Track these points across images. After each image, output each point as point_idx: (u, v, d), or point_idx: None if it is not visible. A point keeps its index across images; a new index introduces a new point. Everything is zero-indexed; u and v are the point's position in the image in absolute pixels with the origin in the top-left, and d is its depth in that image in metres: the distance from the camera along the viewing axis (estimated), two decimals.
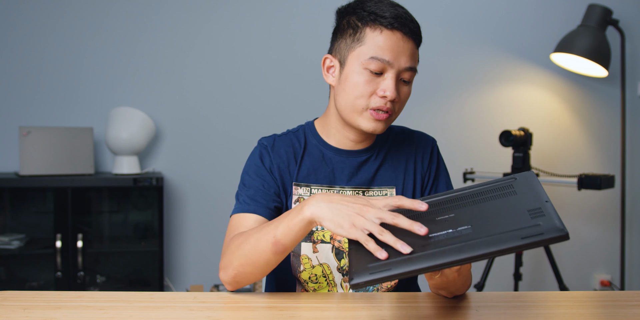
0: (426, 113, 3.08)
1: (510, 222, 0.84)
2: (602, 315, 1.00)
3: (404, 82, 1.16)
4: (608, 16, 2.91)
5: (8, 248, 2.64)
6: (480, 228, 0.84)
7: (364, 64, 1.13)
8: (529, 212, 0.85)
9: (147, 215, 2.88)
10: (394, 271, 0.81)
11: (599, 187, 2.56)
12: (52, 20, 2.87)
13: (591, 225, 3.17)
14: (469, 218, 0.88)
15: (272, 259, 1.03)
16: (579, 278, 3.16)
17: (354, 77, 1.14)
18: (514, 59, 3.11)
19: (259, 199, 1.19)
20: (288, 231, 1.00)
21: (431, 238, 0.86)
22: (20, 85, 2.87)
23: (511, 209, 0.88)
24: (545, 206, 0.85)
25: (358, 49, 1.14)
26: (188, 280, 2.99)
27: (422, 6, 3.05)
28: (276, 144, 1.25)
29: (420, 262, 0.81)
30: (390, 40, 1.12)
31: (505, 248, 0.80)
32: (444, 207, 0.94)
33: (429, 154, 1.29)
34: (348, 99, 1.15)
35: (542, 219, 0.82)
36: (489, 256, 0.81)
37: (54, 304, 1.02)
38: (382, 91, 1.13)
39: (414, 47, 1.15)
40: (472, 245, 0.81)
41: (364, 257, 0.86)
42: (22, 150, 2.61)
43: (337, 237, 1.21)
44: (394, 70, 1.13)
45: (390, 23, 1.12)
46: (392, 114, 1.16)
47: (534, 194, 0.90)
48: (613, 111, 3.15)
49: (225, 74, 2.98)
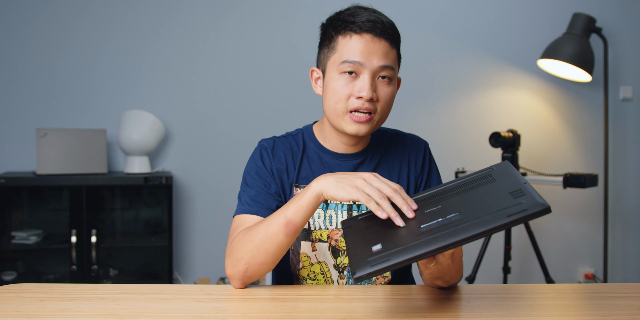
0: (420, 115, 3.08)
1: (494, 204, 0.85)
2: (586, 306, 1.00)
3: (383, 82, 1.13)
4: (592, 24, 2.91)
5: (26, 243, 2.64)
6: (467, 213, 0.85)
7: (338, 69, 1.12)
8: (510, 194, 0.86)
9: (157, 212, 2.88)
10: (392, 261, 0.81)
11: (583, 186, 2.55)
12: (68, 29, 2.87)
13: (576, 221, 3.17)
14: (455, 207, 0.89)
15: (284, 242, 1.03)
16: (564, 271, 3.15)
17: (331, 83, 1.14)
18: (503, 64, 3.11)
19: (260, 199, 1.17)
20: (298, 209, 1.01)
21: (423, 228, 0.86)
22: (37, 89, 2.87)
23: (494, 193, 0.89)
24: (524, 187, 0.87)
25: (333, 56, 1.14)
26: (196, 273, 2.99)
27: (416, 15, 3.05)
28: (276, 146, 1.24)
29: (416, 250, 0.82)
30: (360, 42, 1.11)
31: (494, 226, 0.81)
32: (430, 201, 0.94)
33: (421, 156, 1.28)
34: (330, 105, 1.15)
35: (524, 197, 0.84)
36: (479, 236, 0.81)
37: (70, 295, 1.02)
38: (357, 92, 1.11)
39: (387, 46, 1.12)
40: (463, 229, 0.82)
41: (362, 252, 0.86)
42: (39, 150, 2.61)
43: (334, 236, 1.21)
44: (367, 70, 1.11)
45: (359, 27, 1.11)
46: (374, 114, 1.13)
47: (512, 178, 0.91)
48: (596, 114, 3.15)
49: (231, 79, 2.98)
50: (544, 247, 3.04)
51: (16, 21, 2.84)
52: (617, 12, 3.12)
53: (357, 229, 0.96)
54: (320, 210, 1.20)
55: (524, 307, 0.98)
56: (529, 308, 0.98)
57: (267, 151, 1.23)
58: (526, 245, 3.04)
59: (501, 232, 2.82)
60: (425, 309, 0.97)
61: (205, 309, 0.95)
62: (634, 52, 3.15)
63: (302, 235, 1.21)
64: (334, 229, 1.21)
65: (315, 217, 1.20)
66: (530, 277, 3.13)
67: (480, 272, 2.76)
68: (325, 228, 1.20)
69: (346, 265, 1.21)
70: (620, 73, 3.15)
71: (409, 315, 0.92)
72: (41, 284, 1.09)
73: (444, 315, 0.93)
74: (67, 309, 0.94)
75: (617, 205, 3.18)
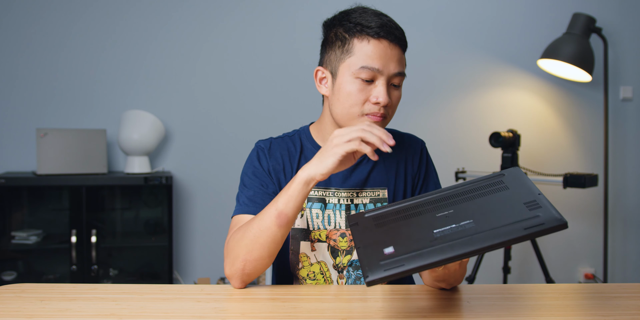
0: (420, 115, 3.08)
1: (510, 215, 0.84)
2: (586, 306, 1.00)
3: (394, 87, 1.15)
4: (592, 24, 2.91)
5: (26, 243, 2.64)
6: (482, 222, 0.84)
7: (355, 73, 1.12)
8: (525, 205, 0.85)
9: (157, 212, 2.88)
10: (407, 266, 0.80)
11: (583, 186, 2.55)
12: (68, 29, 2.87)
13: (576, 221, 3.17)
14: (468, 213, 0.88)
15: (278, 234, 1.05)
16: (564, 271, 3.15)
17: (346, 87, 1.13)
18: (503, 64, 3.11)
19: (257, 199, 1.18)
20: (288, 199, 1.03)
21: (436, 233, 0.85)
22: (37, 89, 2.87)
23: (507, 202, 0.88)
24: (539, 198, 0.86)
25: (348, 59, 1.13)
26: (196, 273, 2.99)
27: (416, 15, 3.05)
28: (272, 146, 1.25)
29: (431, 257, 0.81)
30: (378, 48, 1.11)
31: (510, 239, 0.80)
32: (441, 204, 0.93)
33: (418, 155, 1.29)
34: (343, 108, 1.14)
35: (540, 210, 0.83)
36: (495, 248, 0.81)
37: (70, 295, 1.02)
38: (374, 98, 1.12)
39: (400, 52, 1.14)
40: (478, 238, 0.81)
41: (373, 254, 0.85)
42: (39, 150, 2.61)
43: (333, 236, 1.21)
44: (384, 76, 1.12)
45: (376, 32, 1.11)
46: (385, 117, 1.15)
47: (526, 187, 0.90)
48: (596, 114, 3.15)
49: (231, 79, 2.98)
50: (544, 247, 3.04)
51: (16, 21, 2.84)
52: (617, 12, 3.12)
53: (366, 227, 0.94)
54: (318, 210, 1.21)
55: (524, 307, 0.98)
56: (529, 308, 0.98)
57: (263, 151, 1.24)
58: (526, 245, 3.04)
59: None
60: (425, 309, 0.97)
61: (205, 309, 0.95)
62: (634, 52, 3.15)
63: (301, 235, 1.21)
64: (332, 229, 1.21)
65: (314, 217, 1.21)
66: (530, 277, 3.13)
67: (480, 272, 2.76)
68: (324, 228, 1.21)
69: (345, 265, 1.21)
70: (620, 73, 3.15)
71: (409, 315, 0.92)
72: (41, 284, 1.09)
73: (443, 315, 0.93)
74: (67, 309, 0.94)
75: (617, 205, 3.18)
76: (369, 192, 1.23)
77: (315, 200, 1.21)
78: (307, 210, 1.21)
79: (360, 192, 1.23)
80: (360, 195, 1.23)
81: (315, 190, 1.22)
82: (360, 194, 1.23)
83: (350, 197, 1.22)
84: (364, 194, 1.23)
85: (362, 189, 1.23)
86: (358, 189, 1.23)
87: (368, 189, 1.24)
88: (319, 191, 1.22)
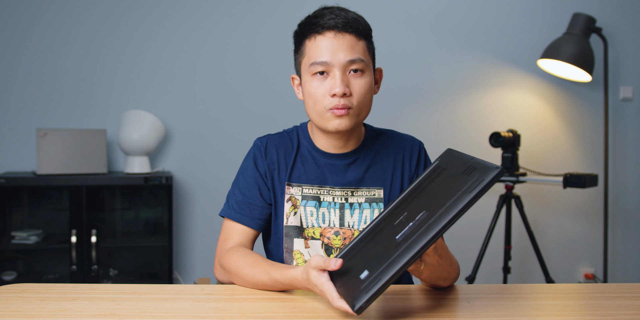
0: (420, 115, 3.08)
1: (454, 189, 0.85)
2: (586, 306, 1.00)
3: (355, 75, 1.14)
4: (592, 24, 2.91)
5: (26, 243, 2.64)
6: (433, 207, 0.86)
7: (309, 71, 1.15)
8: (463, 174, 0.87)
9: (157, 212, 2.88)
10: (383, 279, 0.82)
11: (583, 186, 2.55)
12: (68, 29, 2.87)
13: (576, 221, 3.17)
14: (420, 207, 0.89)
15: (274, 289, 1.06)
16: (564, 271, 3.15)
17: (307, 87, 1.16)
18: (503, 64, 3.11)
19: (245, 207, 1.22)
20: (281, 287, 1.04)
21: (398, 238, 0.87)
22: (37, 89, 2.87)
23: (449, 180, 0.89)
24: (472, 162, 0.88)
25: (303, 61, 1.17)
26: (196, 273, 2.99)
27: (416, 15, 3.05)
28: (269, 144, 1.27)
29: (400, 260, 0.83)
30: (323, 42, 1.13)
31: (462, 207, 0.82)
32: (396, 213, 0.93)
33: (416, 156, 1.29)
34: (310, 108, 1.17)
35: (476, 171, 0.85)
36: (452, 222, 0.82)
37: (70, 295, 1.02)
38: (330, 90, 1.13)
39: (352, 39, 1.13)
40: (435, 222, 0.83)
41: (352, 285, 0.87)
42: (39, 150, 2.61)
43: (327, 234, 1.22)
44: (336, 67, 1.12)
45: (321, 27, 1.13)
46: (350, 108, 1.14)
47: (459, 160, 0.92)
48: (596, 114, 3.15)
49: (231, 79, 2.98)
50: (544, 247, 3.04)
51: (16, 21, 2.84)
52: (617, 12, 3.12)
53: None
54: (313, 208, 1.22)
55: (524, 307, 0.98)
56: (529, 308, 0.98)
57: (260, 151, 1.26)
58: (526, 245, 3.04)
59: (501, 233, 2.82)
60: (425, 309, 0.97)
61: (205, 309, 0.95)
62: (634, 52, 3.15)
63: (295, 233, 1.22)
64: (326, 227, 1.22)
65: (308, 215, 1.22)
66: (530, 277, 3.13)
67: (480, 272, 2.76)
68: (318, 226, 1.22)
69: None
70: (620, 73, 3.15)
71: (409, 315, 0.92)
72: (41, 284, 1.09)
73: (443, 315, 0.93)
74: (67, 309, 0.94)
75: (617, 205, 3.18)
76: (364, 192, 1.24)
77: (309, 198, 1.22)
78: (301, 208, 1.22)
79: (356, 191, 1.23)
80: (355, 195, 1.23)
81: (310, 188, 1.22)
82: (355, 193, 1.23)
83: (345, 195, 1.23)
84: (360, 193, 1.23)
85: (358, 188, 1.24)
86: (353, 188, 1.23)
87: (364, 188, 1.24)
88: (313, 189, 1.22)
